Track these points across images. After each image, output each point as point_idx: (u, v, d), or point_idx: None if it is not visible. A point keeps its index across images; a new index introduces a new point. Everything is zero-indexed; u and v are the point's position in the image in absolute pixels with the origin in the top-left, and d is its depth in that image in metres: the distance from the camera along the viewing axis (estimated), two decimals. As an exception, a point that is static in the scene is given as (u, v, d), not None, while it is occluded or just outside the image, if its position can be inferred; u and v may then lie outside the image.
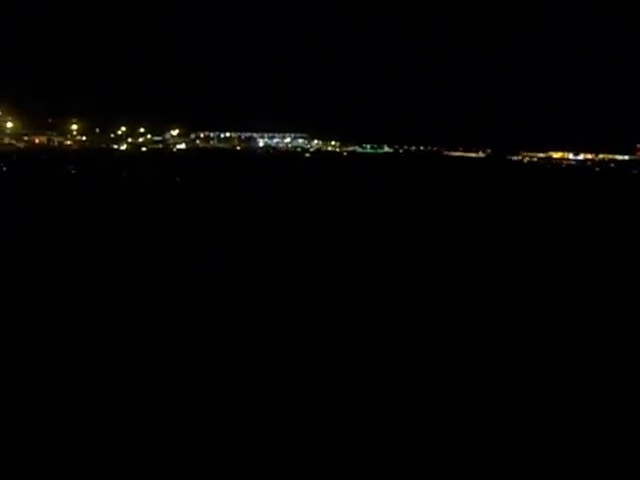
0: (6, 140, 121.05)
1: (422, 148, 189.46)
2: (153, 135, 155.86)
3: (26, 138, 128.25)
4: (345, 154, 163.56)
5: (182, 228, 22.47)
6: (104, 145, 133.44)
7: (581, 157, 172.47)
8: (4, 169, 53.99)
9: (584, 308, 13.23)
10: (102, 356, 9.24)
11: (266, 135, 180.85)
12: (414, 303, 12.97)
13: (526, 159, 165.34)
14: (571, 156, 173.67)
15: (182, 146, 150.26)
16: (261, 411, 7.65)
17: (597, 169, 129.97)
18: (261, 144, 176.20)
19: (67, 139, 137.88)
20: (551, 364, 9.71)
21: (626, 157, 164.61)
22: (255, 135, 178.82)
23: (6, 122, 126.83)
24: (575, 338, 11.07)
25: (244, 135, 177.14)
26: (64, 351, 9.38)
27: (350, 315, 11.95)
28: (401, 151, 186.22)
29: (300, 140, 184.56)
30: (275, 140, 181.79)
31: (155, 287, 13.45)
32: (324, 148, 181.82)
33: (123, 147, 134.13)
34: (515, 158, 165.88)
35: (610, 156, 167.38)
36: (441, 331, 11.14)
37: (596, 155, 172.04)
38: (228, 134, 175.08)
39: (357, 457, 6.73)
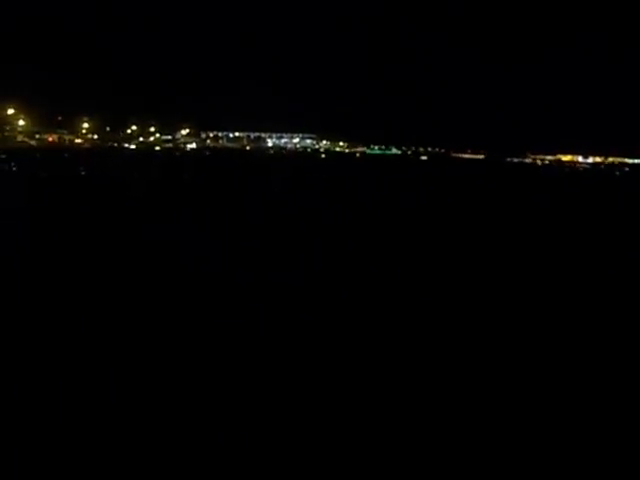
0: (19, 138, 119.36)
1: (430, 149, 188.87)
2: (162, 134, 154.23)
3: (37, 136, 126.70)
4: (358, 155, 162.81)
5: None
6: (115, 144, 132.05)
7: (590, 160, 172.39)
8: (14, 169, 51.98)
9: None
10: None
11: (274, 135, 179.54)
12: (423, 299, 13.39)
13: (538, 161, 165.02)
14: (580, 159, 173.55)
15: (193, 145, 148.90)
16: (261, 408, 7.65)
17: (617, 173, 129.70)
18: (270, 144, 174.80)
19: (78, 137, 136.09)
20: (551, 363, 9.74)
21: (636, 160, 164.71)
22: (263, 135, 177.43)
23: (18, 120, 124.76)
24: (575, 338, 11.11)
25: (253, 135, 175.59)
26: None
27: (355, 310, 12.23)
28: (409, 152, 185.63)
29: (308, 140, 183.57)
30: (283, 140, 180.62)
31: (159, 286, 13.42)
32: (332, 149, 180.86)
33: (133, 146, 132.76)
34: (528, 161, 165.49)
35: (620, 159, 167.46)
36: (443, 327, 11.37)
37: (605, 158, 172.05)
38: (237, 134, 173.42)
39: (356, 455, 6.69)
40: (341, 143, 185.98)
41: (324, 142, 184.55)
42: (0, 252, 16.49)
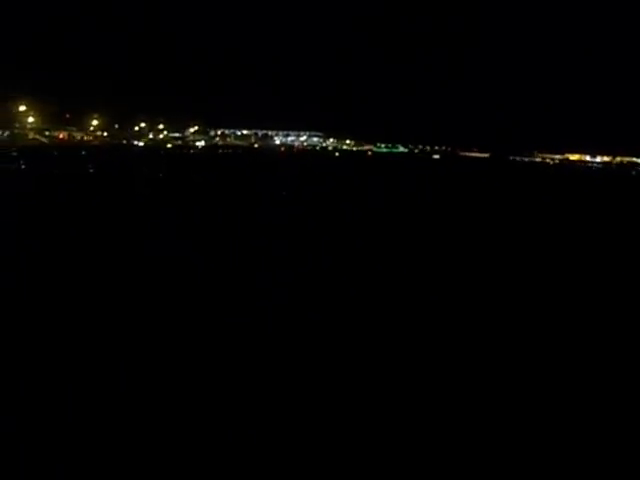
0: (30, 135, 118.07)
1: (437, 148, 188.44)
2: (170, 132, 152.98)
3: (47, 133, 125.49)
4: (369, 153, 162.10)
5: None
6: (124, 141, 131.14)
7: (599, 159, 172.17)
8: (23, 166, 50.21)
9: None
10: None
11: (281, 133, 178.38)
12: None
13: (548, 160, 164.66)
14: (588, 158, 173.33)
15: (202, 143, 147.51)
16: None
17: (633, 172, 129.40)
18: (278, 142, 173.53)
19: (87, 134, 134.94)
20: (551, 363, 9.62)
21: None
22: (271, 133, 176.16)
23: (27, 117, 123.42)
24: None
25: (260, 133, 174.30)
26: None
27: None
28: (416, 151, 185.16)
29: (315, 139, 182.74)
30: (290, 138, 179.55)
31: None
32: (339, 147, 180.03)
33: (142, 143, 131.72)
34: (538, 160, 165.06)
35: (628, 158, 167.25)
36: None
37: (613, 157, 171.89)
38: (245, 132, 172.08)
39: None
40: (348, 141, 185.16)
41: (331, 140, 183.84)
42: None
